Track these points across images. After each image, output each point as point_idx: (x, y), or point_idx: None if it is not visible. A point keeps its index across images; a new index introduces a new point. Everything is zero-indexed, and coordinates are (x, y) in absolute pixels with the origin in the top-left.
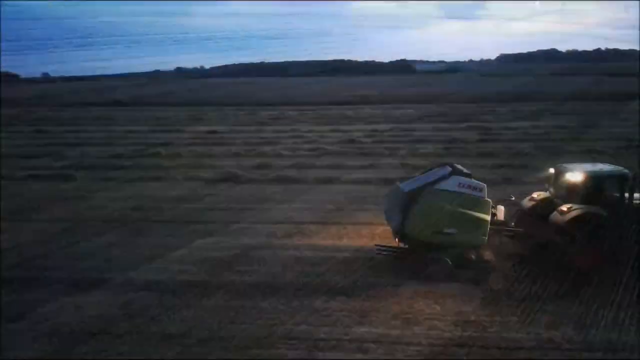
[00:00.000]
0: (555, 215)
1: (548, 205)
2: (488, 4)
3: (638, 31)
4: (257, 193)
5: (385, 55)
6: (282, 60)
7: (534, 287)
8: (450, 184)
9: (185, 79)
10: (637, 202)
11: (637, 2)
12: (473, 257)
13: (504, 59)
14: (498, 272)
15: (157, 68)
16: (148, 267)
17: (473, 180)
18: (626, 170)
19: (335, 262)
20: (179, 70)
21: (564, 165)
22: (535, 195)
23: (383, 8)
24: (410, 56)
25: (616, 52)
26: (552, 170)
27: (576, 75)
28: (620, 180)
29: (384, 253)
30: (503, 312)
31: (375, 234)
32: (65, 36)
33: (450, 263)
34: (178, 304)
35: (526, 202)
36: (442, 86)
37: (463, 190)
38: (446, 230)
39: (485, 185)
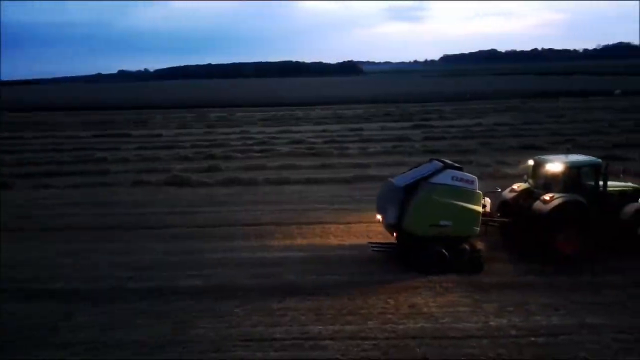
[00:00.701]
0: (538, 204)
1: (528, 196)
2: (431, 4)
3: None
4: (208, 196)
5: (332, 56)
6: (230, 62)
7: (481, 278)
8: (445, 178)
9: (128, 82)
10: (609, 189)
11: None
12: (467, 247)
13: (447, 59)
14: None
15: (99, 71)
16: (99, 274)
17: (465, 173)
18: (599, 160)
19: (291, 261)
20: (122, 72)
21: (542, 157)
22: (515, 186)
23: (329, 9)
24: (356, 57)
25: (551, 51)
26: (530, 162)
27: (515, 74)
28: (594, 169)
29: (377, 250)
30: (453, 303)
31: (330, 232)
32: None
33: (447, 255)
34: (132, 311)
35: (507, 193)
36: (389, 86)
37: (456, 183)
38: (442, 223)
39: (476, 177)
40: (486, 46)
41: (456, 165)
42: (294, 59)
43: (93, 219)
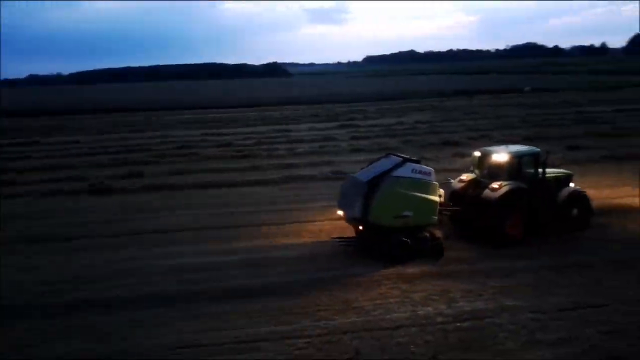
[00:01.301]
0: (487, 192)
1: (476, 185)
2: (351, 6)
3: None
4: (129, 203)
5: (256, 58)
6: (149, 64)
7: (407, 269)
8: (406, 171)
9: (39, 87)
10: (548, 175)
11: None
12: (428, 235)
13: (370, 60)
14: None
15: (5, 76)
16: (13, 288)
17: (423, 165)
18: (538, 149)
19: (223, 265)
20: (33, 77)
21: (487, 148)
22: (463, 177)
23: (251, 11)
24: (281, 59)
25: (465, 51)
26: (477, 154)
27: (433, 74)
28: (535, 158)
29: (342, 244)
30: (383, 295)
31: (263, 233)
32: None
33: (410, 244)
34: (56, 327)
35: (456, 184)
36: (315, 87)
37: (416, 175)
38: (405, 214)
39: (433, 169)
40: (406, 47)
41: (414, 158)
42: (217, 61)
43: (12, 232)
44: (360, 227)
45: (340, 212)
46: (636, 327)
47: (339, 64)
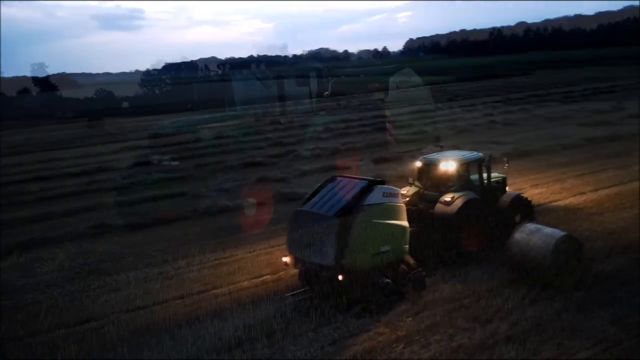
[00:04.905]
0: (440, 207)
1: (420, 199)
2: (147, 4)
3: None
4: None
5: (38, 69)
6: None
7: None
8: (377, 196)
9: None
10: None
11: None
12: (405, 268)
13: (169, 68)
14: None
15: None
16: None
17: (391, 186)
18: (481, 154)
19: None
20: None
21: (428, 157)
22: (404, 191)
23: (28, 18)
24: (70, 69)
25: (266, 57)
26: (418, 164)
27: (232, 81)
28: (479, 164)
29: (297, 298)
30: None
31: None
32: None
33: (392, 283)
34: None
35: None
36: (108, 100)
37: (387, 199)
38: (383, 249)
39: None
40: (207, 54)
41: (379, 179)
42: None
43: None
44: (340, 277)
45: (286, 259)
46: None
47: (137, 72)
